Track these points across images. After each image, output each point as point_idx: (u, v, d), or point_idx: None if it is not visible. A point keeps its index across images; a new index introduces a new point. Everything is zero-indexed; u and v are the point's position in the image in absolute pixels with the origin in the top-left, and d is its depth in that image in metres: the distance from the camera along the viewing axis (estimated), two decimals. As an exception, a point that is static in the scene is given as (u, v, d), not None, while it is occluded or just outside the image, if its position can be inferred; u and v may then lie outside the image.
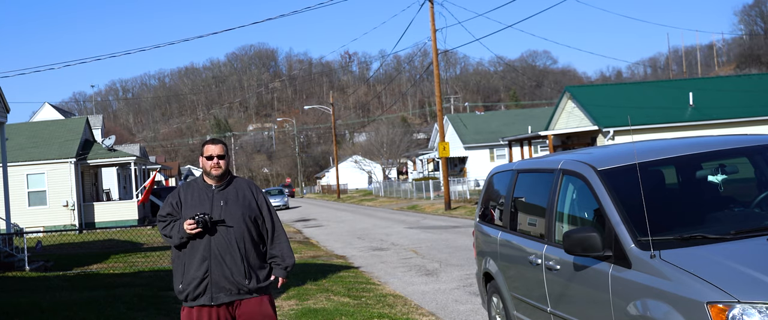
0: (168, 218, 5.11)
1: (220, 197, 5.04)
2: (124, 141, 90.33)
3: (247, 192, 5.14)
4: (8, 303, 10.62)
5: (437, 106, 33.63)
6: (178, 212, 5.07)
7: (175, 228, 5.01)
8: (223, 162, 5.09)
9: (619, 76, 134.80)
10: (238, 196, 5.07)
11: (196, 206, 5.00)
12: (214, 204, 5.01)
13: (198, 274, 4.99)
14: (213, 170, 5.04)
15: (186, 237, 4.96)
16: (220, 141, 5.19)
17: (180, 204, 5.09)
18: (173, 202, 5.12)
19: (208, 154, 5.08)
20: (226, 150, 5.18)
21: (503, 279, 6.62)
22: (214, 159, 5.05)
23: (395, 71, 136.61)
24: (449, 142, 44.78)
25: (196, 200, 5.04)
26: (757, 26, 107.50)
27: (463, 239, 18.35)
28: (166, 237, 5.11)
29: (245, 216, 5.03)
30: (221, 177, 5.09)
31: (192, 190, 5.12)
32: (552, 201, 5.64)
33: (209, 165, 5.06)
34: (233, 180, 5.19)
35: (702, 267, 4.06)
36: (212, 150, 5.09)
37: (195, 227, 4.86)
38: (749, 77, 37.44)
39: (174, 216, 5.08)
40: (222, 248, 4.97)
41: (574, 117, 32.67)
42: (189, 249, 5.03)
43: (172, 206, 5.10)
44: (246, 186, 5.21)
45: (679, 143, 5.81)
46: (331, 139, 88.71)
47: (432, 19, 31.62)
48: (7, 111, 18.60)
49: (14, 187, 28.23)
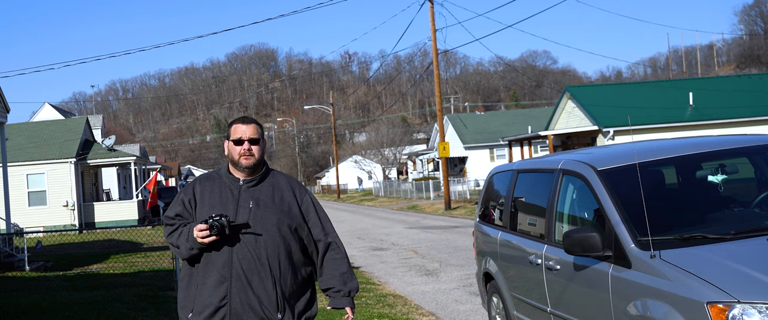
0: (177, 221, 3.90)
1: (250, 196, 3.83)
2: (124, 141, 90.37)
3: (286, 193, 3.91)
4: (8, 303, 10.62)
5: (437, 106, 33.63)
6: (191, 214, 3.89)
7: (183, 235, 3.81)
8: (257, 150, 3.87)
9: (619, 76, 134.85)
10: (273, 197, 3.86)
11: (216, 206, 3.81)
12: (241, 206, 3.81)
13: (212, 301, 3.74)
14: (243, 159, 3.83)
15: (197, 248, 3.75)
16: (252, 120, 3.97)
17: (194, 202, 3.90)
18: (186, 200, 3.91)
19: (237, 136, 3.86)
20: (262, 132, 3.94)
21: (503, 279, 6.62)
22: (245, 143, 3.84)
23: (395, 71, 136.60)
24: (449, 142, 44.78)
25: (216, 198, 3.86)
26: (757, 26, 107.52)
27: (463, 239, 18.35)
28: (173, 248, 3.92)
29: (282, 225, 3.80)
30: (253, 169, 3.87)
31: (212, 185, 3.92)
32: (552, 201, 5.64)
33: (238, 151, 3.84)
34: (269, 175, 3.96)
35: (702, 267, 4.06)
36: (242, 131, 3.86)
37: (207, 234, 3.66)
38: (749, 77, 37.44)
39: (184, 218, 3.90)
40: (248, 265, 3.73)
41: (574, 117, 32.66)
42: (202, 265, 3.81)
43: (184, 205, 3.91)
44: (286, 183, 3.96)
45: (679, 143, 5.81)
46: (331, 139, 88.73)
47: (432, 19, 31.63)
48: (7, 111, 18.61)
49: (14, 187, 28.23)
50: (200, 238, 3.68)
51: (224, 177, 3.93)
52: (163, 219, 4.02)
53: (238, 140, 3.86)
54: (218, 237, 3.67)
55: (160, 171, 48.92)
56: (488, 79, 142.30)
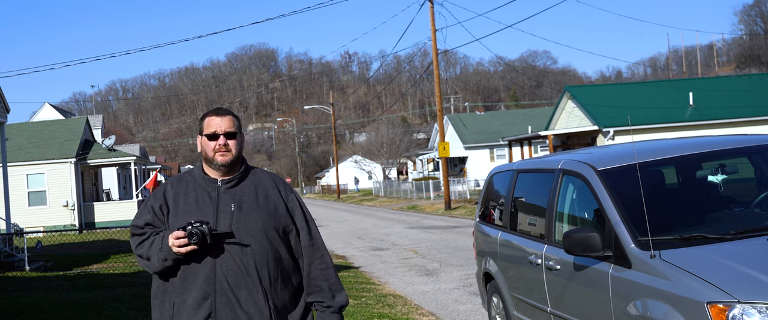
0: (147, 230, 3.43)
1: (230, 198, 3.40)
2: (124, 141, 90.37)
3: (271, 191, 3.48)
4: (8, 303, 10.62)
5: (437, 106, 33.63)
6: (163, 222, 3.42)
7: (156, 244, 3.32)
8: (234, 145, 3.43)
9: (619, 76, 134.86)
10: (257, 197, 3.43)
11: (192, 212, 3.37)
12: (221, 210, 3.37)
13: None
14: (218, 156, 3.40)
15: (173, 259, 3.27)
16: (228, 111, 3.53)
17: (166, 209, 3.43)
18: (156, 206, 3.43)
19: (211, 130, 3.43)
20: (239, 125, 3.52)
21: (503, 279, 6.62)
22: (221, 138, 3.41)
23: (395, 71, 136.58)
24: (449, 142, 44.77)
25: (192, 203, 3.41)
26: (757, 26, 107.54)
27: (463, 239, 18.34)
28: (142, 261, 3.42)
29: (269, 229, 3.38)
30: (231, 167, 3.44)
31: (186, 188, 3.47)
32: (552, 201, 5.64)
33: (212, 147, 3.41)
34: (250, 173, 3.53)
35: (702, 267, 4.06)
36: (217, 124, 3.43)
37: (186, 243, 3.20)
38: (749, 77, 37.44)
39: (155, 227, 3.42)
40: (235, 278, 3.29)
41: (574, 117, 32.67)
42: (180, 280, 3.33)
43: (154, 212, 3.43)
44: (269, 181, 3.53)
45: (679, 143, 5.81)
46: (331, 139, 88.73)
47: (432, 19, 31.63)
48: (7, 111, 18.61)
49: (14, 187, 28.23)
50: (176, 247, 3.21)
51: (199, 179, 3.47)
52: (131, 228, 3.49)
53: (213, 134, 3.42)
54: (198, 246, 3.20)
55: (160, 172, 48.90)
56: (488, 79, 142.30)
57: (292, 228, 3.47)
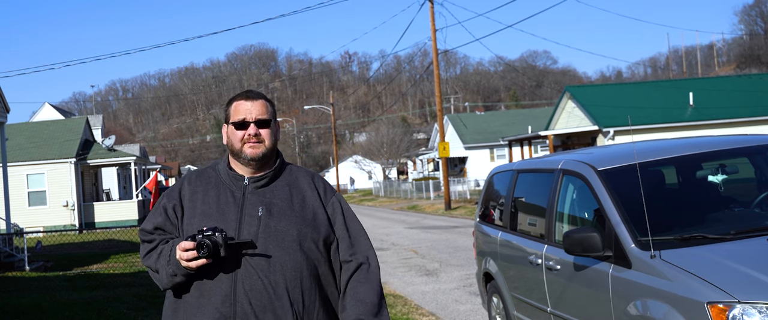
0: (156, 236, 2.90)
1: (259, 200, 2.84)
2: (124, 141, 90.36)
3: (309, 193, 2.92)
4: (8, 303, 10.62)
5: (437, 106, 33.63)
6: (176, 226, 2.89)
7: (164, 255, 2.79)
8: (268, 135, 2.88)
9: (619, 76, 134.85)
10: (292, 200, 2.87)
11: (211, 215, 2.81)
12: (246, 214, 2.81)
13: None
14: (248, 148, 2.85)
15: (182, 274, 2.74)
16: (260, 95, 2.96)
17: (181, 210, 2.89)
18: (169, 207, 2.91)
19: (240, 116, 2.88)
20: (273, 112, 2.95)
21: (503, 279, 6.62)
22: (251, 126, 2.86)
23: (395, 71, 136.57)
24: (449, 142, 44.77)
25: (211, 204, 2.85)
26: (757, 26, 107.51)
27: (463, 239, 18.34)
28: (152, 273, 2.91)
29: (305, 238, 2.81)
30: (262, 163, 2.88)
31: (206, 186, 2.91)
32: (552, 201, 5.64)
33: (241, 138, 2.87)
34: (284, 170, 2.97)
35: (702, 268, 4.06)
36: (247, 109, 2.88)
37: (194, 255, 2.67)
38: (749, 77, 37.45)
39: (167, 233, 2.89)
40: (259, 299, 2.72)
41: (574, 117, 32.67)
42: (194, 298, 2.79)
43: (166, 214, 2.90)
44: (308, 181, 2.97)
45: (679, 143, 5.81)
46: (331, 139, 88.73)
47: (432, 19, 31.63)
48: (7, 111, 18.61)
49: (14, 187, 28.23)
50: (185, 261, 2.67)
51: (223, 175, 2.91)
52: (139, 233, 2.97)
53: (241, 122, 2.86)
54: (209, 260, 2.66)
55: (160, 171, 48.92)
56: (488, 79, 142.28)
57: (333, 239, 2.88)
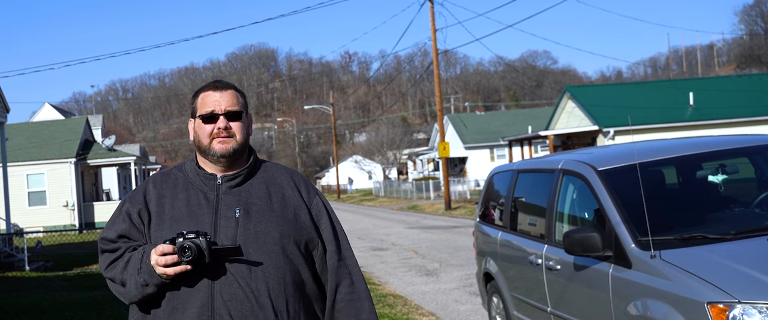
0: (120, 244, 2.57)
1: (235, 200, 2.57)
2: (124, 141, 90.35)
3: (289, 191, 2.65)
4: (8, 303, 10.62)
5: (437, 106, 33.63)
6: (142, 232, 2.57)
7: (133, 264, 2.47)
8: (239, 129, 2.60)
9: (619, 76, 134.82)
10: (271, 199, 2.60)
11: (183, 219, 2.53)
12: (222, 216, 2.54)
13: None
14: (217, 144, 2.58)
15: (155, 284, 2.43)
16: (229, 84, 2.68)
17: (147, 214, 2.58)
18: (133, 212, 2.58)
19: (207, 109, 2.60)
20: (245, 104, 2.68)
21: (503, 279, 6.62)
22: (220, 119, 2.58)
23: (395, 71, 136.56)
24: (449, 142, 44.76)
25: (181, 207, 2.57)
26: (758, 26, 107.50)
27: (463, 239, 18.34)
28: (114, 286, 2.56)
29: (288, 241, 2.55)
30: (234, 160, 2.61)
31: (174, 187, 2.63)
32: (552, 202, 5.64)
33: (209, 132, 2.59)
34: (260, 168, 2.70)
35: (702, 268, 4.06)
36: (215, 101, 2.60)
37: (175, 262, 2.38)
38: (749, 77, 37.45)
39: (132, 241, 2.57)
40: (240, 310, 2.46)
41: (574, 117, 32.67)
42: (166, 314, 2.49)
43: (130, 220, 2.58)
44: (286, 178, 2.69)
45: (679, 143, 5.81)
46: (331, 139, 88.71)
47: (432, 19, 31.63)
48: (7, 111, 18.61)
49: (14, 187, 28.23)
50: (162, 267, 2.36)
51: (192, 175, 2.63)
52: (99, 242, 2.63)
53: (209, 115, 2.58)
54: (191, 266, 2.37)
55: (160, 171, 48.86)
56: (488, 79, 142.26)
57: (317, 242, 2.63)
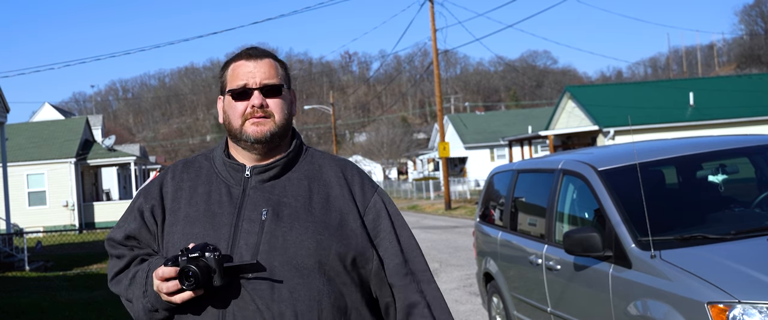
0: (127, 250, 2.16)
1: (264, 198, 2.07)
2: (124, 141, 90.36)
3: (335, 189, 2.11)
4: (8, 303, 10.62)
5: (437, 106, 33.63)
6: (155, 234, 2.13)
7: (137, 283, 2.08)
8: (279, 107, 2.11)
9: (619, 76, 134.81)
10: (311, 199, 2.08)
11: (198, 219, 2.06)
12: (245, 218, 2.04)
13: None
14: (251, 126, 2.08)
15: (164, 309, 2.02)
16: (265, 52, 2.17)
17: (161, 211, 2.13)
18: (146, 209, 2.15)
19: (240, 82, 2.10)
20: (287, 76, 2.20)
21: (503, 279, 6.62)
22: (256, 96, 2.08)
23: (395, 71, 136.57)
24: (449, 142, 44.76)
25: (200, 204, 2.09)
26: (758, 26, 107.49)
27: (463, 239, 18.34)
28: (125, 302, 2.18)
29: (328, 255, 2.01)
30: (271, 145, 2.11)
31: (195, 179, 2.15)
32: (552, 202, 5.64)
33: (241, 112, 2.09)
34: (303, 157, 2.17)
35: (702, 268, 4.06)
36: (249, 72, 2.10)
37: (178, 288, 1.93)
38: (750, 77, 37.45)
39: (142, 245, 2.15)
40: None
41: (574, 117, 32.67)
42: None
43: (142, 218, 2.15)
44: (335, 172, 2.15)
45: (679, 143, 5.81)
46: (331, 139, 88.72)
47: (432, 19, 31.63)
48: (7, 111, 18.61)
49: (14, 187, 28.23)
50: (165, 294, 1.94)
51: (219, 165, 2.14)
52: (106, 243, 2.23)
53: (242, 90, 2.07)
54: (198, 291, 1.92)
55: (160, 171, 48.89)
56: (488, 79, 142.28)
57: (371, 256, 2.05)
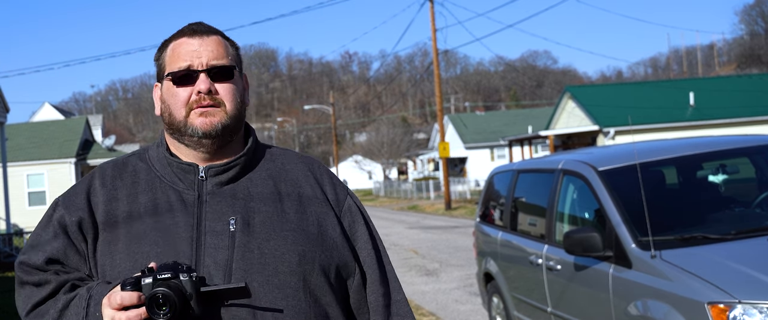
0: (48, 276, 1.69)
1: (227, 205, 1.72)
2: (124, 141, 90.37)
3: (306, 190, 1.80)
4: (8, 303, 10.62)
5: (437, 106, 33.63)
6: (84, 255, 1.71)
7: (73, 309, 1.62)
8: (230, 93, 1.75)
9: (619, 76, 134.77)
10: (281, 202, 1.75)
11: (147, 235, 1.67)
12: (208, 230, 1.68)
13: None
14: (197, 118, 1.72)
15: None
16: (212, 29, 1.80)
17: (92, 226, 1.71)
18: (70, 223, 1.72)
19: (182, 63, 1.74)
20: (238, 58, 1.84)
21: (503, 279, 6.62)
22: (202, 80, 1.72)
23: (395, 71, 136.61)
24: (449, 142, 44.76)
25: (146, 215, 1.71)
26: (758, 26, 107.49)
27: (463, 239, 18.34)
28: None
29: (312, 267, 1.71)
30: (223, 141, 1.76)
31: (131, 185, 1.77)
32: (552, 202, 5.63)
33: (184, 100, 1.73)
34: (262, 156, 1.84)
35: (703, 268, 4.06)
36: (192, 50, 1.74)
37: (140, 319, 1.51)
38: (750, 77, 37.45)
39: (67, 268, 1.70)
40: None
41: (574, 117, 32.67)
42: None
43: (65, 234, 1.71)
44: (302, 170, 1.84)
45: (679, 143, 5.81)
46: (331, 139, 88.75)
47: (432, 19, 31.63)
48: (7, 111, 18.61)
49: (14, 187, 28.22)
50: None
51: (159, 166, 1.78)
52: (17, 269, 1.75)
53: (185, 73, 1.72)
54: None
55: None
56: (488, 79, 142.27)
57: (353, 267, 1.79)
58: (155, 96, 1.83)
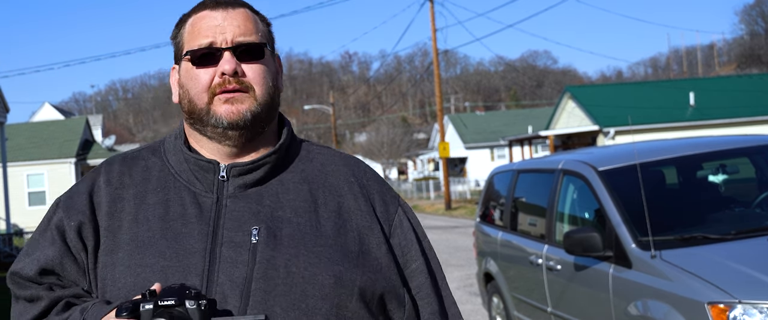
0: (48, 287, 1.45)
1: (250, 212, 1.45)
2: (124, 141, 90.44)
3: (348, 198, 1.51)
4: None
5: (437, 106, 33.63)
6: (83, 266, 1.47)
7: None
8: (260, 76, 1.47)
9: (619, 76, 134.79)
10: (316, 212, 1.47)
11: (154, 244, 1.42)
12: (223, 242, 1.41)
13: None
14: (221, 105, 1.45)
15: None
16: (237, 1, 1.51)
17: (93, 231, 1.47)
18: (69, 227, 1.48)
19: (203, 40, 1.48)
20: (269, 36, 1.54)
21: (503, 279, 6.62)
22: (226, 59, 1.45)
23: (395, 71, 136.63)
24: (449, 142, 44.76)
25: (153, 221, 1.45)
26: (758, 26, 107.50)
27: (463, 239, 18.34)
28: None
29: (348, 294, 1.41)
30: (252, 133, 1.49)
31: (141, 183, 1.51)
32: (552, 202, 5.63)
33: (206, 83, 1.46)
34: (298, 154, 1.56)
35: (703, 268, 4.05)
36: (215, 25, 1.48)
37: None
38: (750, 77, 37.46)
39: (63, 280, 1.46)
40: None
41: (574, 117, 32.68)
42: None
43: (63, 241, 1.47)
44: (344, 174, 1.55)
45: (679, 143, 5.82)
46: (331, 139, 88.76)
47: (432, 19, 31.63)
48: (7, 111, 18.62)
49: (14, 187, 28.22)
50: None
51: (175, 162, 1.55)
52: (9, 281, 1.52)
53: (207, 50, 1.48)
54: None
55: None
56: (488, 78, 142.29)
57: (403, 296, 1.53)
58: (172, 80, 1.59)
